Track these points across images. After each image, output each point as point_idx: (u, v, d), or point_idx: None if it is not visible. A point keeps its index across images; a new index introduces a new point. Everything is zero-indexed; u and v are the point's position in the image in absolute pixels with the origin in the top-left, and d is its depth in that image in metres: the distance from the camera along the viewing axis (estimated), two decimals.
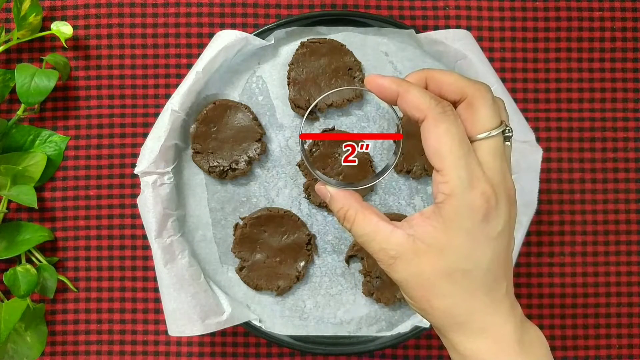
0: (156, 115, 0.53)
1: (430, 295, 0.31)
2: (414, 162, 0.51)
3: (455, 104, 0.31)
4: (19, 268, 0.50)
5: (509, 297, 0.31)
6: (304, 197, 0.51)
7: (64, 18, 0.53)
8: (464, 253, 0.30)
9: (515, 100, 0.50)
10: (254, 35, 0.49)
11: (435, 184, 0.30)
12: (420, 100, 0.30)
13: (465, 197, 0.29)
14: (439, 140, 0.29)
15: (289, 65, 0.51)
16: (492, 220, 0.29)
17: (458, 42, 0.48)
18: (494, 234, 0.30)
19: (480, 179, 0.29)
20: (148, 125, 0.53)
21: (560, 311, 0.53)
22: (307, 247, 0.51)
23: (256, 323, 0.50)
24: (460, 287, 0.30)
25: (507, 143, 0.31)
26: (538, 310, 0.53)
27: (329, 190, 0.34)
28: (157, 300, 0.53)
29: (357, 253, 0.51)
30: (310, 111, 0.38)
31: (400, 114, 0.33)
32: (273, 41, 0.50)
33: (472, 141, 0.30)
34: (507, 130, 0.30)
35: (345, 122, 0.52)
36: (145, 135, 0.51)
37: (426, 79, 0.32)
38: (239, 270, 0.51)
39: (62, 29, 0.51)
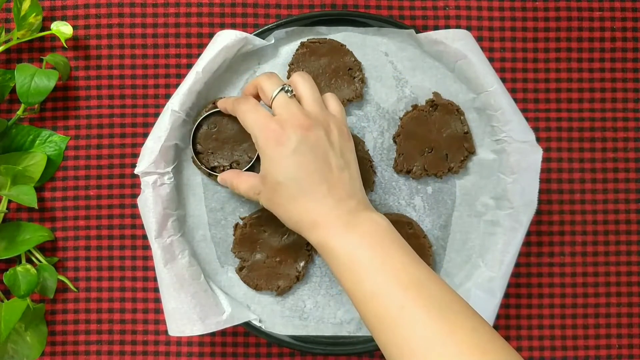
0: (156, 115, 0.53)
1: (276, 208, 0.42)
2: (414, 162, 0.51)
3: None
4: (19, 268, 0.50)
5: (332, 196, 0.41)
6: None
7: (64, 18, 0.53)
8: (273, 171, 0.41)
9: (515, 100, 0.50)
10: (254, 35, 0.49)
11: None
12: (231, 107, 0.46)
13: (262, 136, 0.41)
14: (243, 117, 0.43)
15: (289, 65, 0.51)
16: (284, 143, 0.40)
17: (458, 42, 0.48)
18: (289, 152, 0.40)
19: (269, 122, 0.41)
20: (148, 125, 0.53)
21: (560, 311, 0.53)
22: (307, 247, 0.51)
23: (256, 323, 0.50)
24: (284, 196, 0.41)
25: (289, 95, 0.42)
26: (538, 310, 0.53)
27: (221, 177, 0.48)
28: (157, 300, 0.53)
29: None
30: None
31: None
32: (273, 41, 0.50)
33: (272, 104, 0.43)
34: (285, 88, 0.43)
35: None
36: (145, 135, 0.51)
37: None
38: (239, 270, 0.51)
39: (62, 29, 0.51)
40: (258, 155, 0.50)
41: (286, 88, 0.43)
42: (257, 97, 0.46)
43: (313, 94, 0.43)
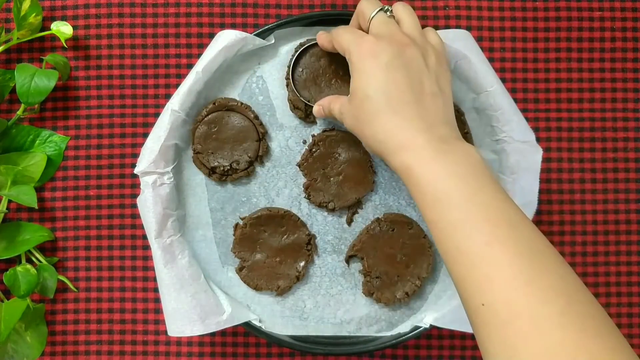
0: (156, 115, 0.53)
1: (360, 126, 0.41)
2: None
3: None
4: (19, 268, 0.50)
5: (422, 119, 0.39)
6: (304, 197, 0.51)
7: (64, 18, 0.53)
8: (363, 84, 0.40)
9: (515, 100, 0.50)
10: (254, 35, 0.49)
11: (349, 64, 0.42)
12: (329, 37, 0.45)
13: (355, 51, 0.40)
14: (339, 39, 0.43)
15: (289, 66, 0.51)
16: (378, 56, 0.39)
17: (458, 42, 0.48)
18: (382, 65, 0.39)
19: (364, 37, 0.41)
20: (148, 125, 0.53)
21: None
22: (307, 247, 0.51)
23: (256, 323, 0.50)
24: (371, 112, 0.39)
25: (388, 14, 0.42)
26: None
27: (318, 104, 0.47)
28: (157, 300, 0.53)
29: (357, 253, 0.51)
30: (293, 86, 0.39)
31: None
32: (273, 41, 0.50)
33: (370, 24, 0.42)
34: (385, 8, 0.42)
35: None
36: (145, 135, 0.51)
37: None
38: (239, 270, 0.51)
39: (62, 29, 0.51)
40: (262, 149, 0.50)
41: (386, 8, 0.42)
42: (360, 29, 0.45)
43: (413, 19, 0.42)
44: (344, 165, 0.51)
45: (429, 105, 0.39)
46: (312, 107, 0.50)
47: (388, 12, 0.42)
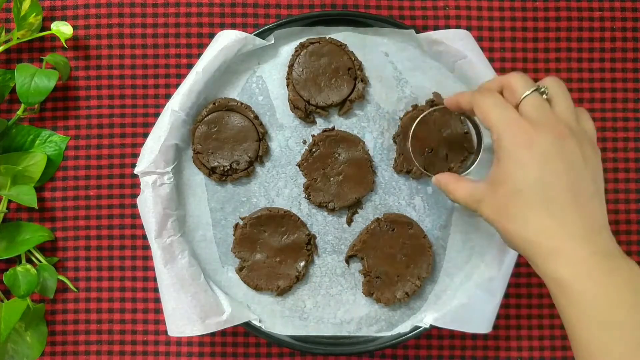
0: (156, 115, 0.53)
1: (505, 220, 0.37)
2: (414, 162, 0.51)
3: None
4: (19, 268, 0.50)
5: (582, 223, 0.35)
6: (304, 197, 0.51)
7: (64, 18, 0.53)
8: (515, 176, 0.36)
9: None
10: (254, 35, 0.49)
11: (493, 143, 0.38)
12: (467, 100, 0.41)
13: (509, 134, 0.37)
14: (487, 112, 0.38)
15: (289, 67, 0.51)
16: (534, 147, 0.36)
17: (458, 42, 0.48)
18: (539, 157, 0.35)
19: (519, 120, 0.37)
20: (148, 125, 0.53)
21: None
22: (307, 247, 0.51)
23: (256, 323, 0.50)
24: (520, 207, 0.36)
25: (545, 97, 0.38)
26: (538, 310, 0.53)
27: (436, 178, 0.45)
28: (157, 300, 0.53)
29: (357, 253, 0.51)
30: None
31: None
32: (273, 41, 0.50)
33: (518, 105, 0.38)
34: (540, 88, 0.38)
35: (345, 122, 0.52)
36: (145, 135, 0.51)
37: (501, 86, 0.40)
38: (239, 270, 0.51)
39: (62, 29, 0.51)
40: (262, 149, 0.50)
41: (542, 89, 0.38)
42: None
43: (569, 102, 0.38)
44: (344, 165, 0.51)
45: (587, 209, 0.36)
46: (312, 106, 0.50)
47: (544, 95, 0.38)
